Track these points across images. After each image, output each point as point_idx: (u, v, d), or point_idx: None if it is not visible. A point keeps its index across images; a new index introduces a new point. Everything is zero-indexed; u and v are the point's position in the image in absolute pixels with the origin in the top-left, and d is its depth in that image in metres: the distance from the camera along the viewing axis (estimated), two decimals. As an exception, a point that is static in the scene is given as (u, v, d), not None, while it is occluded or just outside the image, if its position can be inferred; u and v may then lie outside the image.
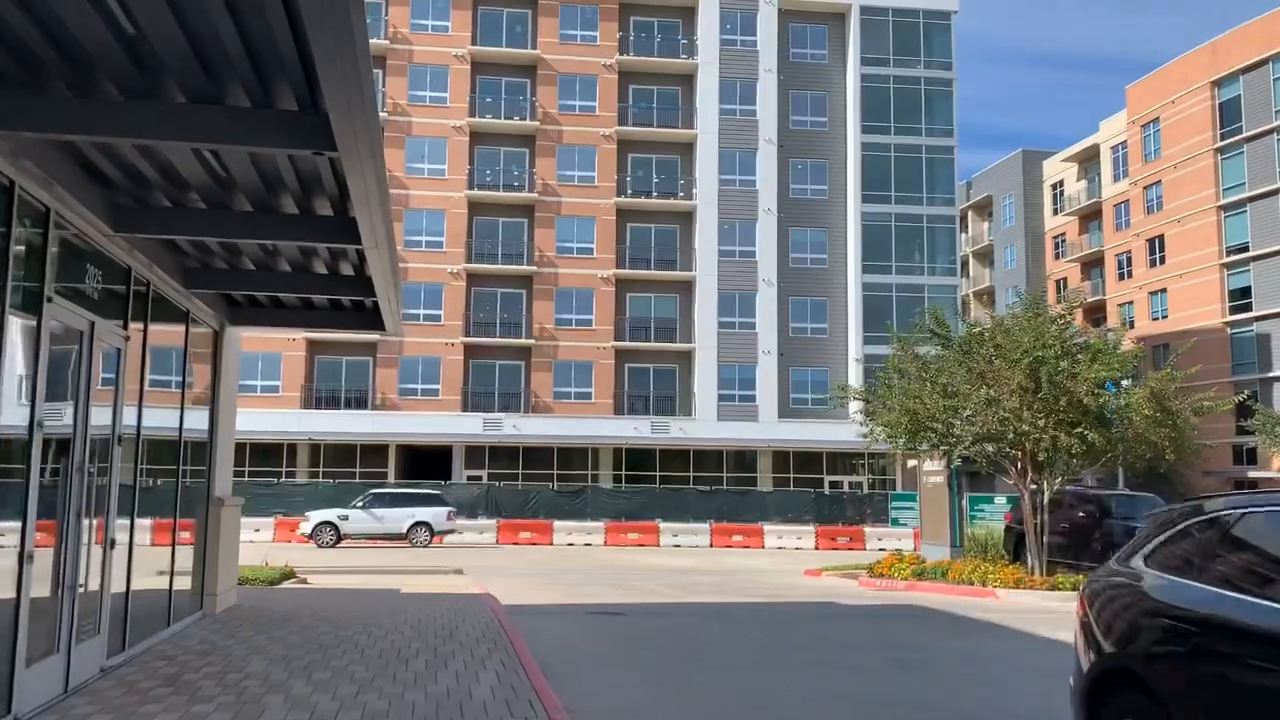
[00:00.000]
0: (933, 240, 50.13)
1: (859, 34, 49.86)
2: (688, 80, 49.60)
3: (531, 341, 46.79)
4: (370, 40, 7.39)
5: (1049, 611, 15.46)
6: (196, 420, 11.09)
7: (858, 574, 23.55)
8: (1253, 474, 53.35)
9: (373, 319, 11.78)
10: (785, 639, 12.11)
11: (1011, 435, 16.72)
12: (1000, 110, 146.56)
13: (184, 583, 10.76)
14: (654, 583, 21.18)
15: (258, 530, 35.81)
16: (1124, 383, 17.04)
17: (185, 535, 10.84)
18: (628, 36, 49.10)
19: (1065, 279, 75.85)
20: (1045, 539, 18.01)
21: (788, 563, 29.78)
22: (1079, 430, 16.27)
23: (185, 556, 10.85)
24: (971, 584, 18.24)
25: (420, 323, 46.49)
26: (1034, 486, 18.05)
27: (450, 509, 33.01)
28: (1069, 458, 16.85)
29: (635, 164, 49.01)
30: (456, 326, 46.52)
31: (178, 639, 9.82)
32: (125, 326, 8.36)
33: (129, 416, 8.50)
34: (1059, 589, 17.16)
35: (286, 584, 17.05)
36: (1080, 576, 17.61)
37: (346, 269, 9.98)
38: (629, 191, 48.41)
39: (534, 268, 47.09)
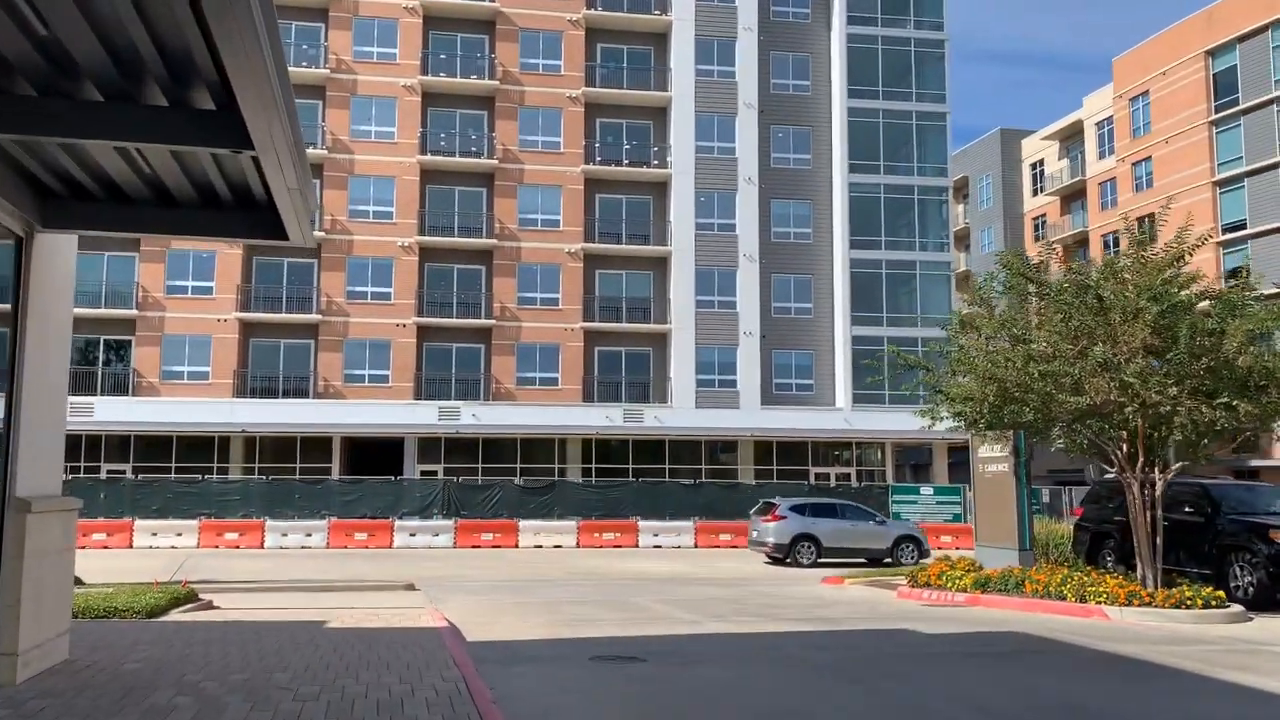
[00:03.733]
0: (924, 213, 46.55)
1: (845, -10, 46.07)
2: (660, 39, 45.53)
3: (491, 322, 42.46)
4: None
5: (1199, 641, 11.65)
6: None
7: (890, 582, 19.74)
8: (1255, 464, 50.51)
9: (266, 221, 7.59)
10: (907, 704, 8.11)
11: (1134, 408, 12.89)
12: (977, 98, 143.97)
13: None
14: (652, 597, 17.16)
15: (179, 535, 31.36)
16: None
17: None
18: (595, -10, 44.90)
19: (1045, 261, 72.91)
20: (1159, 542, 14.18)
21: (791, 567, 25.91)
22: (1222, 400, 12.48)
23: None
24: (1063, 599, 14.40)
25: (368, 302, 41.96)
26: (1143, 475, 14.21)
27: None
28: (1198, 436, 13.08)
29: (604, 129, 44.83)
30: (408, 306, 42.05)
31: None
32: None
33: None
34: (1187, 605, 13.36)
35: (175, 613, 12.74)
36: (1209, 589, 13.84)
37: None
38: (598, 159, 44.22)
39: (494, 241, 42.74)
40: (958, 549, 33.98)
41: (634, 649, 10.67)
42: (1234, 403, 12.40)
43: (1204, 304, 13.10)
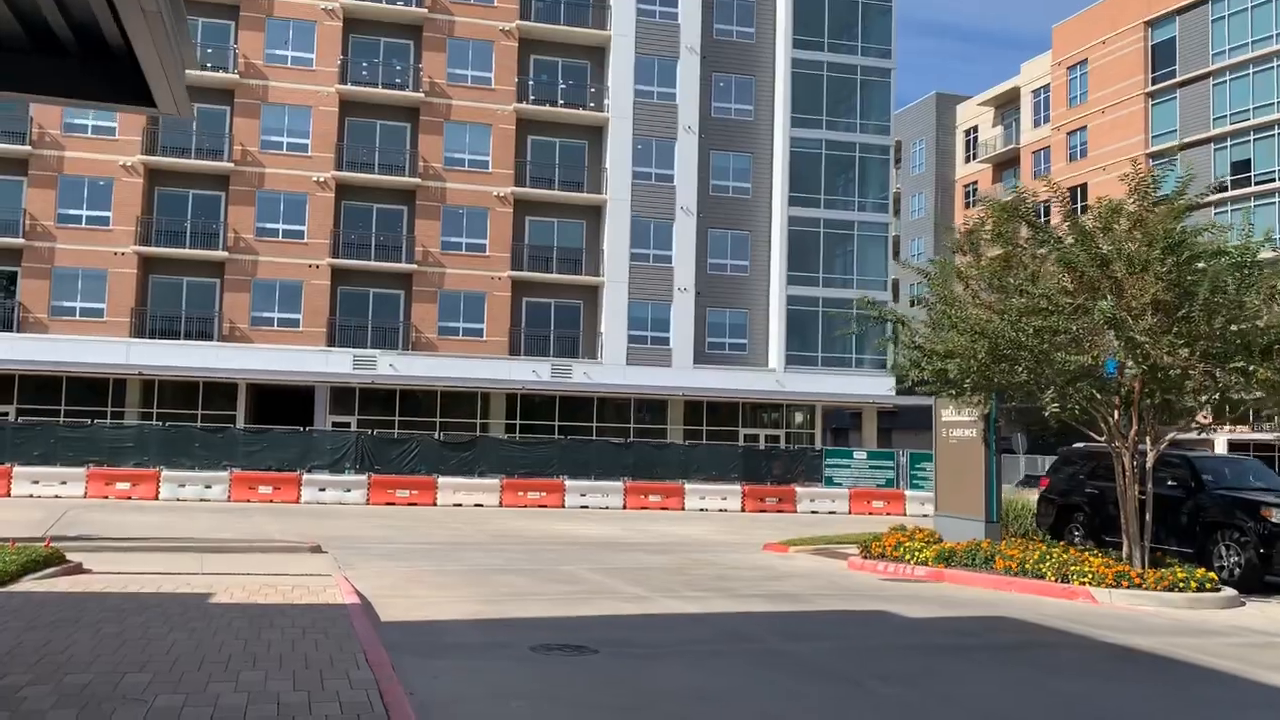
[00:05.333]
0: (864, 172, 45.30)
1: (793, -65, 44.25)
2: (601, -25, 43.20)
3: (413, 267, 40.08)
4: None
5: (1211, 632, 10.47)
6: None
7: (838, 550, 18.48)
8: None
9: (124, 77, 5.63)
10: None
11: (1139, 370, 11.59)
12: (915, 65, 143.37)
13: None
14: (588, 565, 15.56)
15: (64, 483, 28.75)
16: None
17: None
18: (533, -83, 42.28)
19: (960, 230, 72.75)
20: (1147, 518, 13.01)
21: (726, 530, 24.63)
22: (1237, 364, 11.26)
23: None
24: (1041, 577, 13.19)
25: (279, 240, 39.20)
26: (1133, 445, 12.99)
27: None
28: (1200, 402, 11.87)
29: (539, 66, 42.48)
30: (322, 246, 39.41)
31: None
32: None
33: None
34: (1180, 588, 12.23)
35: (28, 580, 10.67)
36: (1201, 571, 12.74)
37: None
38: (531, 98, 41.88)
39: (417, 181, 40.23)
40: (889, 514, 33.27)
41: (580, 635, 9.03)
42: (1251, 367, 11.20)
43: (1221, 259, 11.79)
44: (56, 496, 28.06)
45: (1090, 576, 12.62)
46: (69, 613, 8.48)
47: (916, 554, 15.55)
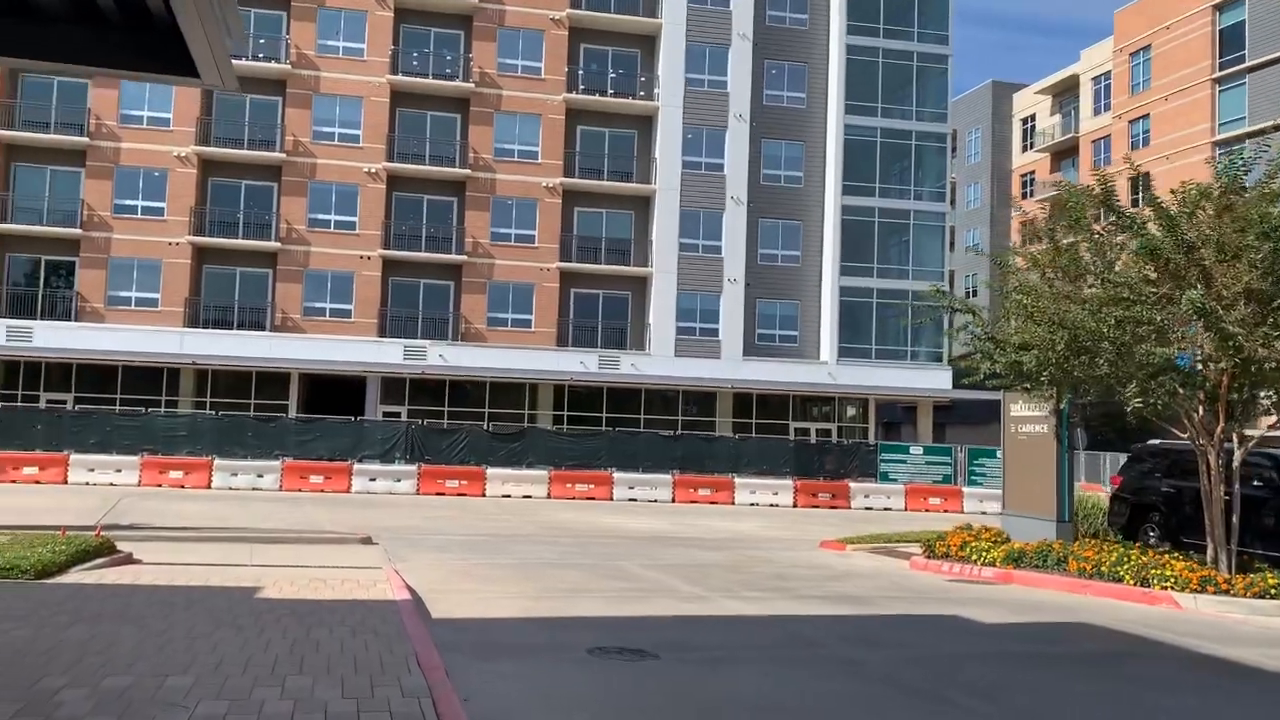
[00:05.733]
0: (921, 160, 44.36)
1: (848, -81, 43.36)
2: (652, -38, 42.65)
3: (463, 258, 39.95)
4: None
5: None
6: None
7: (896, 549, 17.92)
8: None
9: (167, 47, 5.30)
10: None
11: (1228, 364, 10.93)
12: (971, 55, 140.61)
13: None
14: (641, 561, 15.19)
15: (119, 471, 29.01)
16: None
17: None
18: (584, -95, 41.85)
19: (1033, 220, 71.24)
20: (1235, 519, 12.32)
21: (779, 526, 24.12)
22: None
23: None
24: (1119, 581, 12.56)
25: (330, 230, 39.28)
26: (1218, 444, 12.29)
27: None
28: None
29: (589, 55, 42.09)
30: (374, 237, 39.41)
31: None
32: None
33: None
34: (1271, 595, 11.53)
35: (76, 572, 10.49)
36: (1291, 576, 12.02)
37: None
38: (581, 88, 41.51)
39: (467, 172, 40.06)
40: (945, 512, 32.50)
41: (639, 637, 8.63)
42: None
43: None
44: (111, 484, 28.31)
45: (1173, 581, 11.96)
46: (114, 606, 8.26)
47: (983, 554, 14.97)
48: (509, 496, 30.03)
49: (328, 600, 9.25)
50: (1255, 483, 13.91)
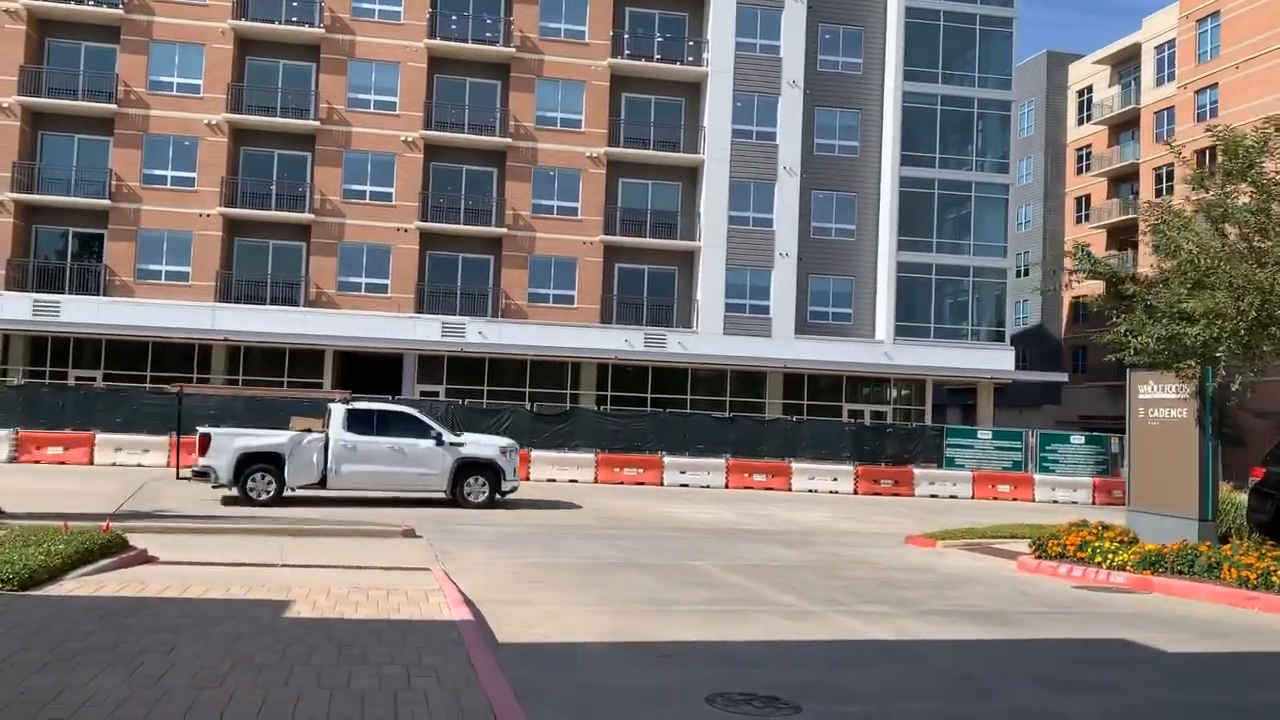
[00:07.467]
0: (984, 129, 42.08)
1: (909, -127, 40.98)
2: (701, -80, 40.53)
3: (503, 231, 38.24)
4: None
5: None
6: None
7: (992, 546, 16.07)
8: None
9: None
10: None
11: None
12: (1026, 28, 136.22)
13: None
14: (716, 560, 13.47)
15: (146, 451, 27.68)
16: None
17: None
18: None
19: (1089, 195, 68.46)
20: None
21: (847, 516, 22.32)
22: None
23: None
24: (1293, 594, 10.65)
25: (366, 202, 37.68)
26: None
27: None
28: None
29: (635, 19, 40.09)
30: (411, 209, 37.76)
31: None
32: None
33: None
34: None
35: (72, 577, 8.86)
36: None
37: None
38: (626, 53, 39.55)
39: (508, 141, 38.28)
40: (1015, 500, 30.53)
41: (760, 675, 6.87)
42: None
43: None
44: (139, 465, 27.01)
45: (1368, 597, 10.05)
46: (106, 636, 6.60)
47: (1109, 556, 13.10)
48: (554, 481, 28.39)
49: (372, 621, 7.57)
50: None
